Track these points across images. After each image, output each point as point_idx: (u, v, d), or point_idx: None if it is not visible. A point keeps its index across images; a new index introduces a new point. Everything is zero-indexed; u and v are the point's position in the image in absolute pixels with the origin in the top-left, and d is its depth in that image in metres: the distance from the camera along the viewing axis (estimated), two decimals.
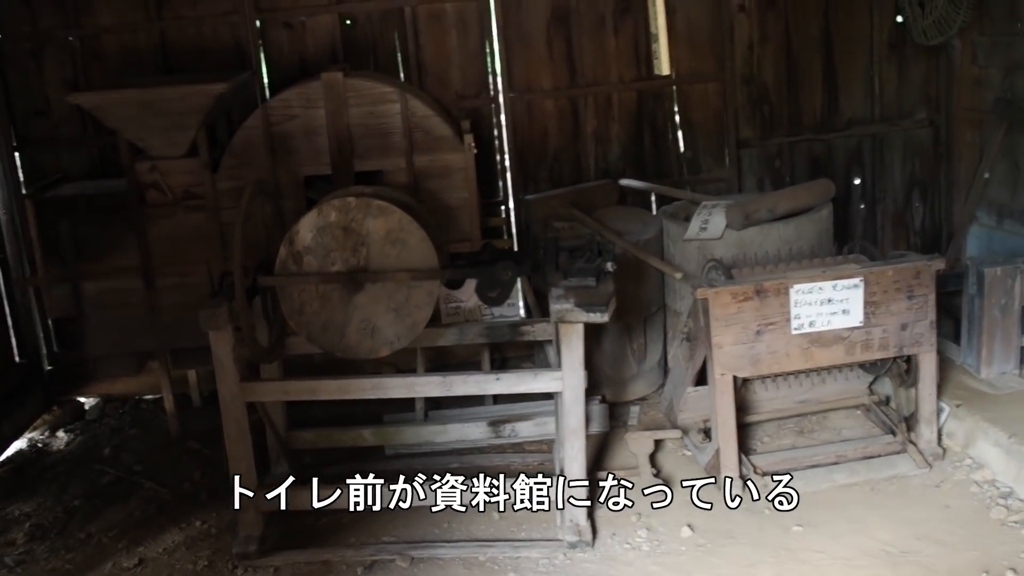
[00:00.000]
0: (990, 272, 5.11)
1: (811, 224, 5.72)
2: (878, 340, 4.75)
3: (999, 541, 4.26)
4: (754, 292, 4.62)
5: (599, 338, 5.84)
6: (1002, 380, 5.22)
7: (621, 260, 5.53)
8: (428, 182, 5.61)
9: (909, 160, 7.09)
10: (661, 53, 4.84)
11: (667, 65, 4.89)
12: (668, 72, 5.12)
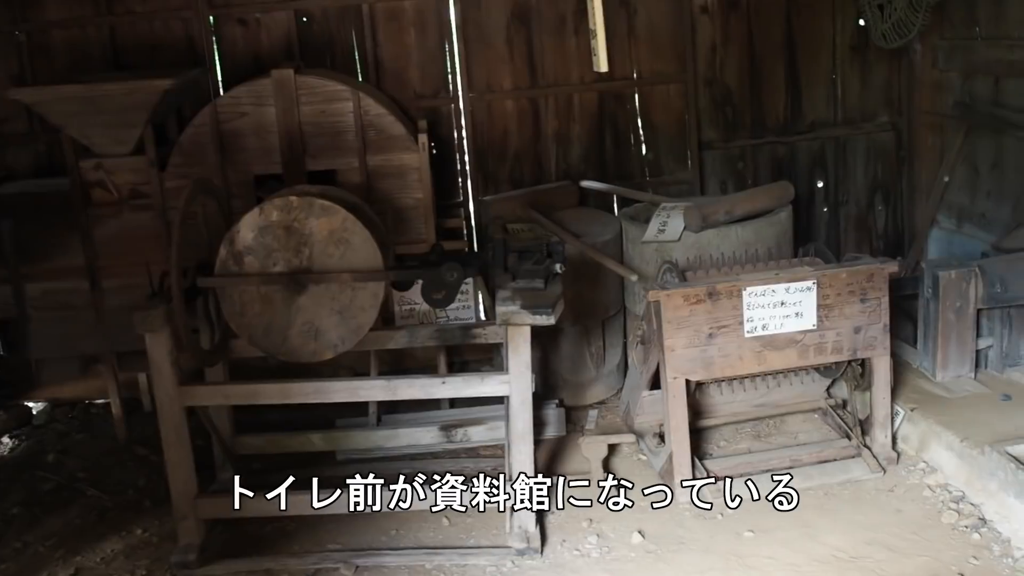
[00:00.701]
0: (945, 275, 5.07)
1: (769, 227, 5.68)
2: (831, 343, 4.70)
3: (949, 546, 4.21)
4: (706, 295, 4.56)
5: (557, 341, 5.78)
6: (957, 383, 5.18)
7: (579, 262, 5.49)
8: (382, 182, 5.52)
9: (872, 163, 7.06)
10: (599, 51, 4.76)
11: (605, 63, 4.80)
12: (606, 70, 5.03)
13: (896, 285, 5.75)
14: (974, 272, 5.09)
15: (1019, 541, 4.16)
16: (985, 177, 6.32)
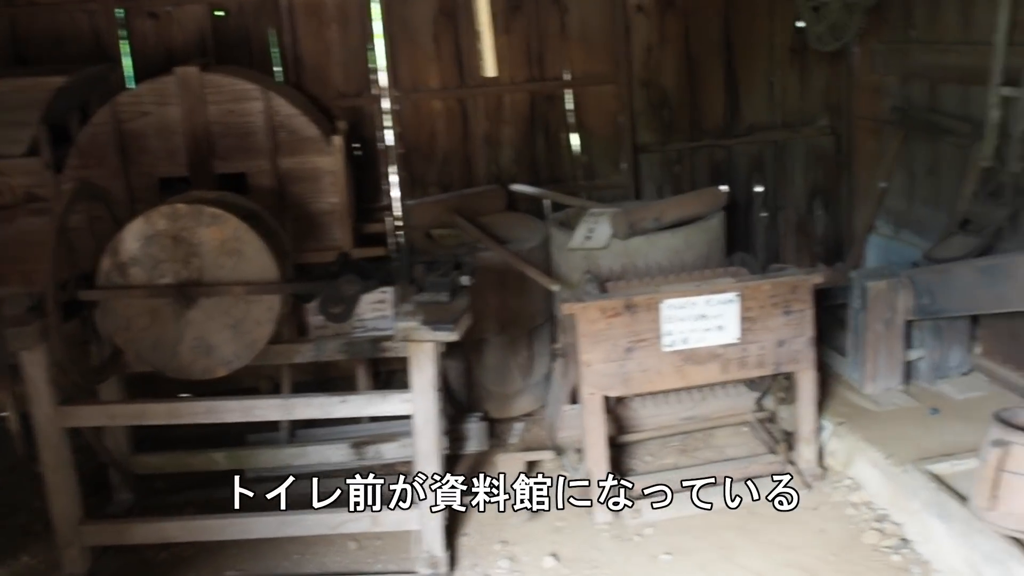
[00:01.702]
0: (873, 286, 4.93)
1: (700, 233, 5.51)
2: (754, 357, 4.54)
3: (869, 568, 4.07)
4: (624, 307, 4.38)
5: (481, 352, 5.59)
6: (886, 396, 5.04)
7: (504, 270, 5.31)
8: (295, 186, 5.29)
9: (811, 168, 6.92)
10: (485, 53, 4.57)
11: (492, 68, 4.61)
12: (494, 75, 4.84)
13: (830, 294, 5.63)
14: (902, 283, 4.94)
15: (939, 563, 4.02)
16: (922, 183, 6.19)
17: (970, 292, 4.51)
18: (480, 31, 4.26)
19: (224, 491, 4.87)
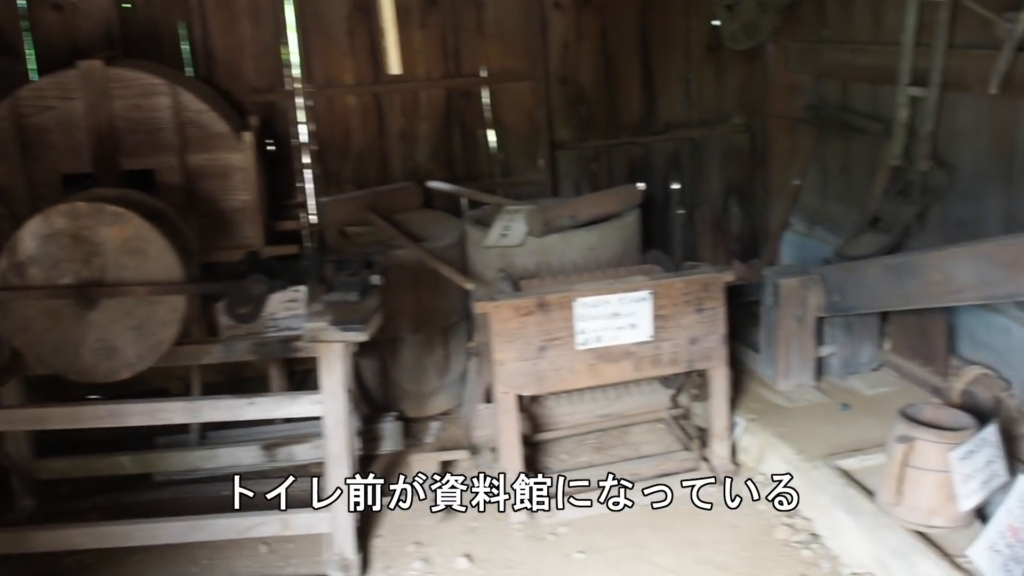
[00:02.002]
0: (785, 283, 4.98)
1: (615, 231, 5.52)
2: (668, 355, 4.55)
3: (778, 563, 4.11)
4: (537, 306, 4.36)
5: (397, 351, 5.53)
6: (799, 392, 5.10)
7: (418, 269, 5.26)
8: (205, 183, 5.18)
9: (727, 165, 6.98)
10: (390, 49, 4.52)
11: (397, 65, 4.57)
12: (399, 72, 4.80)
13: (744, 291, 5.69)
14: (813, 280, 5.00)
15: (848, 558, 4.08)
16: (835, 180, 6.29)
17: (877, 290, 4.58)
18: (385, 27, 4.18)
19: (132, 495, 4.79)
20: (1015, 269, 3.70)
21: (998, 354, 4.93)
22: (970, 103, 5.02)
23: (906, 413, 3.87)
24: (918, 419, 3.88)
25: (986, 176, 4.96)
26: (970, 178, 5.09)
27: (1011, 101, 4.74)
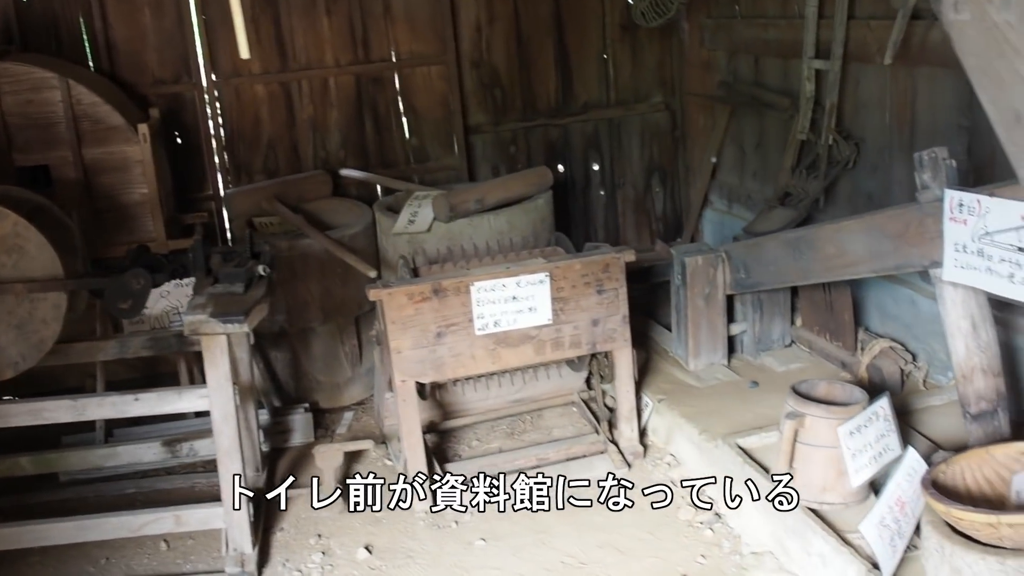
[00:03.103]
0: (691, 261, 4.95)
1: (524, 214, 5.47)
2: (569, 338, 4.50)
3: (681, 545, 4.08)
4: (432, 292, 4.29)
5: (308, 341, 5.45)
6: (709, 371, 5.08)
7: (326, 258, 5.19)
8: (103, 177, 5.08)
9: (647, 145, 6.95)
10: (238, 34, 4.44)
11: (245, 49, 4.49)
12: (247, 57, 4.72)
13: (657, 271, 5.66)
14: (721, 258, 4.97)
15: (749, 537, 4.05)
16: (751, 157, 6.27)
17: (779, 265, 4.55)
18: (231, 9, 4.08)
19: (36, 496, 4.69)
20: (902, 240, 3.67)
21: (905, 327, 4.94)
22: (872, 75, 5.01)
23: (797, 389, 3.84)
24: (811, 395, 3.86)
25: (890, 147, 4.96)
26: (875, 150, 5.09)
27: (910, 71, 4.74)
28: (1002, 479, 3.19)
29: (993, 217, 3.22)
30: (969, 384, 3.50)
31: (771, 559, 3.88)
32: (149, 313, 5.13)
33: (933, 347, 4.71)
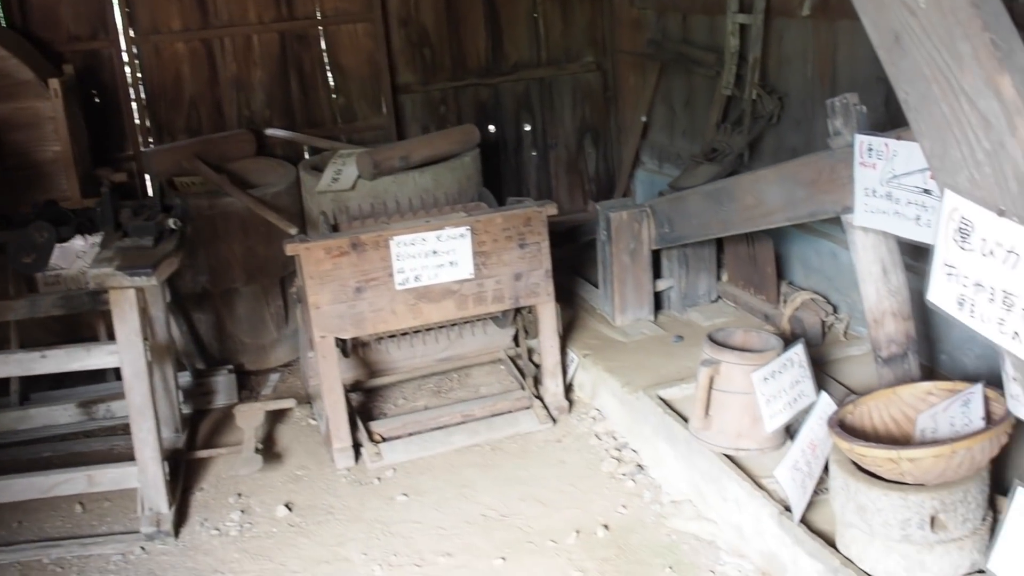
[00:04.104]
0: (616, 216, 4.93)
1: (450, 172, 5.42)
2: (491, 292, 4.47)
3: (602, 496, 4.08)
4: (350, 246, 4.23)
5: (232, 303, 5.37)
6: (635, 327, 5.07)
7: (248, 217, 5.10)
8: (13, 134, 4.94)
9: (579, 105, 6.91)
10: None
11: None
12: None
13: (586, 229, 5.64)
14: (646, 212, 4.96)
15: (668, 486, 4.07)
16: (680, 116, 6.26)
17: (701, 218, 4.54)
18: None
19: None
20: (815, 187, 3.68)
21: (827, 280, 4.97)
22: (795, 29, 5.01)
23: (714, 338, 3.84)
24: (728, 343, 3.87)
25: (813, 101, 4.97)
26: (799, 104, 5.10)
27: (831, 24, 4.74)
28: (908, 419, 3.21)
29: (900, 160, 3.23)
30: (880, 328, 3.52)
31: (690, 507, 3.90)
32: (66, 274, 4.99)
33: (854, 299, 4.72)
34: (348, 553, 3.83)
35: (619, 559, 3.66)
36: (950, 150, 1.80)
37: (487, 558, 3.72)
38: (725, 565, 3.57)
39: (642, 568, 3.60)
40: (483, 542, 3.83)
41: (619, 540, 3.77)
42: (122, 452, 4.65)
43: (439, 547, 3.81)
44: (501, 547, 3.78)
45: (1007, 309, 1.73)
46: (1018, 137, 1.64)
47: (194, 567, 3.83)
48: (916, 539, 2.90)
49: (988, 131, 1.69)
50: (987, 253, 1.76)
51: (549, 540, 3.81)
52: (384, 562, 3.75)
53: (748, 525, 3.53)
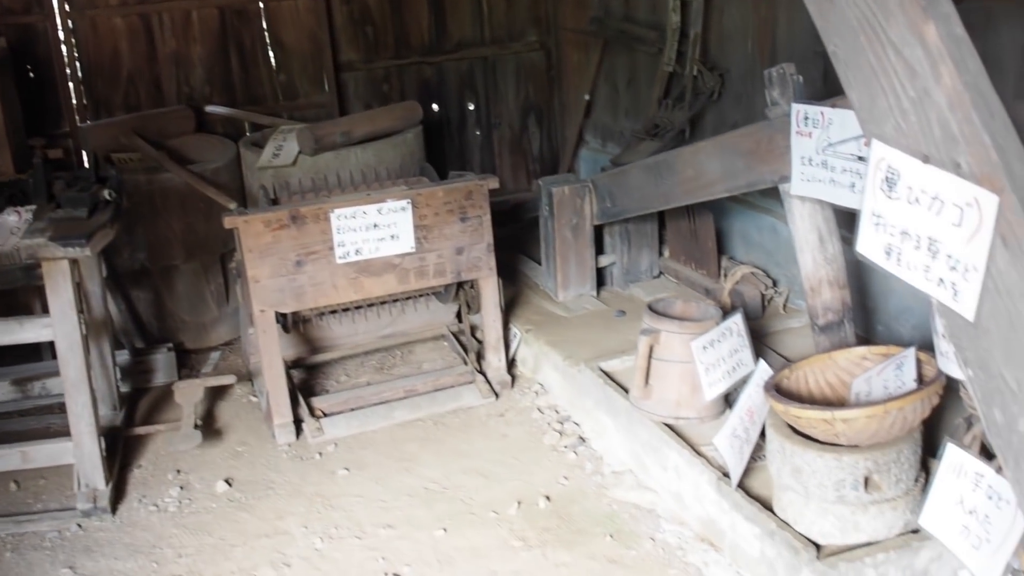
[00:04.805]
0: (558, 191, 4.93)
1: (392, 148, 5.39)
2: (433, 266, 4.46)
3: (544, 468, 4.09)
4: (290, 219, 4.20)
5: (171, 280, 5.30)
6: (577, 303, 5.08)
7: (187, 193, 5.04)
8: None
9: (523, 84, 6.90)
10: None
11: None
12: None
13: (529, 206, 5.64)
14: (588, 188, 4.97)
15: (611, 458, 4.09)
16: (623, 95, 6.27)
17: (642, 192, 4.56)
18: None
19: None
20: (753, 158, 3.70)
21: (767, 254, 5.02)
22: (735, 4, 5.05)
23: (653, 307, 3.87)
24: (668, 313, 3.89)
25: (753, 77, 5.00)
26: (739, 79, 5.13)
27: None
28: (843, 383, 3.25)
29: (835, 128, 3.26)
30: (817, 296, 3.56)
31: (631, 476, 3.92)
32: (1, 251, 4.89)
33: (793, 273, 4.76)
34: (288, 527, 3.81)
35: (560, 529, 3.67)
36: (877, 100, 1.82)
37: (428, 529, 3.72)
38: (665, 533, 3.60)
39: (583, 537, 3.61)
40: (424, 514, 3.82)
41: (560, 510, 3.79)
42: (58, 430, 4.55)
43: (380, 519, 3.80)
44: (443, 519, 3.78)
45: (932, 256, 1.75)
46: (942, 84, 1.66)
47: (131, 543, 3.78)
48: (850, 500, 2.94)
49: (913, 79, 1.71)
50: (913, 201, 1.78)
51: (491, 511, 3.81)
52: (324, 535, 3.72)
53: (688, 493, 3.56)
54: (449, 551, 3.58)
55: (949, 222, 1.70)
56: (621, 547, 3.53)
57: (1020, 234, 1.57)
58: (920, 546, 3.01)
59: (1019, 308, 1.59)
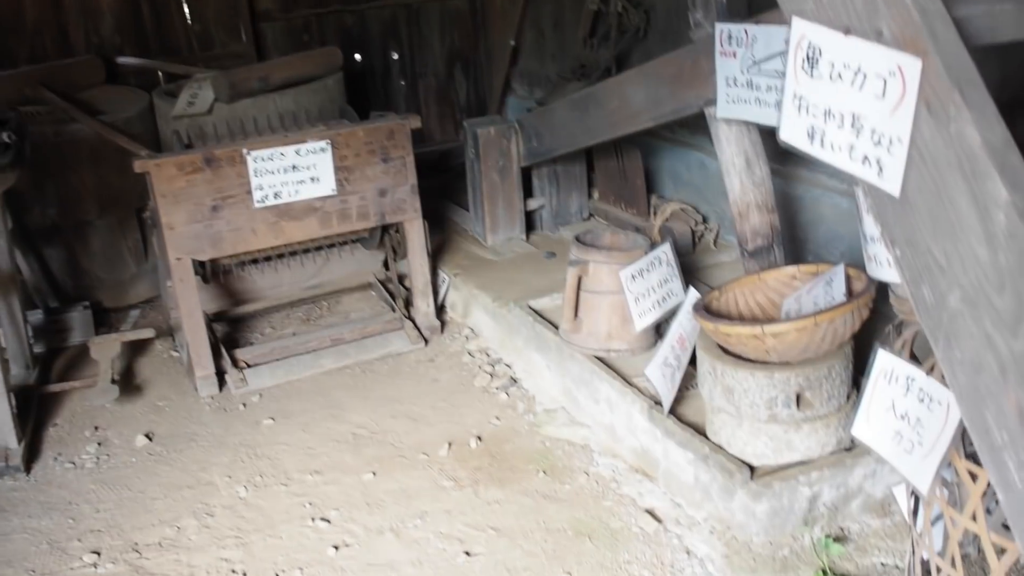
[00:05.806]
0: (484, 133, 4.82)
1: (312, 94, 5.22)
2: (356, 209, 4.32)
3: (475, 409, 4.01)
4: (204, 162, 4.03)
5: (85, 237, 5.10)
6: (507, 246, 5.00)
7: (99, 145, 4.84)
8: None
9: (448, 32, 6.76)
10: None
11: None
12: None
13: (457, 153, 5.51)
14: (514, 129, 4.86)
15: (542, 396, 4.02)
16: (550, 40, 6.17)
17: (568, 128, 4.47)
18: None
19: None
20: (678, 84, 3.63)
21: (697, 191, 4.97)
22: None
23: (581, 239, 3.79)
24: (596, 245, 3.81)
25: (679, 13, 4.90)
26: (665, 16, 5.06)
27: None
28: (773, 304, 3.20)
29: (760, 46, 3.19)
30: (745, 221, 3.50)
31: (563, 413, 3.85)
32: None
33: (723, 208, 4.72)
34: (211, 477, 3.68)
35: (492, 467, 3.59)
36: None
37: (357, 473, 3.61)
38: (599, 466, 3.54)
39: (515, 474, 3.54)
40: (353, 459, 3.72)
41: (492, 450, 3.71)
42: None
43: (307, 466, 3.69)
44: (371, 462, 3.68)
45: (856, 134, 1.68)
46: None
47: (46, 500, 3.62)
48: (783, 418, 2.90)
49: None
50: (835, 77, 1.70)
51: (421, 453, 3.72)
52: (249, 483, 3.60)
53: (620, 424, 3.50)
54: (378, 494, 3.49)
55: (872, 94, 1.63)
56: (555, 482, 3.46)
57: (945, 99, 1.50)
58: (854, 463, 2.98)
59: (945, 177, 1.52)
